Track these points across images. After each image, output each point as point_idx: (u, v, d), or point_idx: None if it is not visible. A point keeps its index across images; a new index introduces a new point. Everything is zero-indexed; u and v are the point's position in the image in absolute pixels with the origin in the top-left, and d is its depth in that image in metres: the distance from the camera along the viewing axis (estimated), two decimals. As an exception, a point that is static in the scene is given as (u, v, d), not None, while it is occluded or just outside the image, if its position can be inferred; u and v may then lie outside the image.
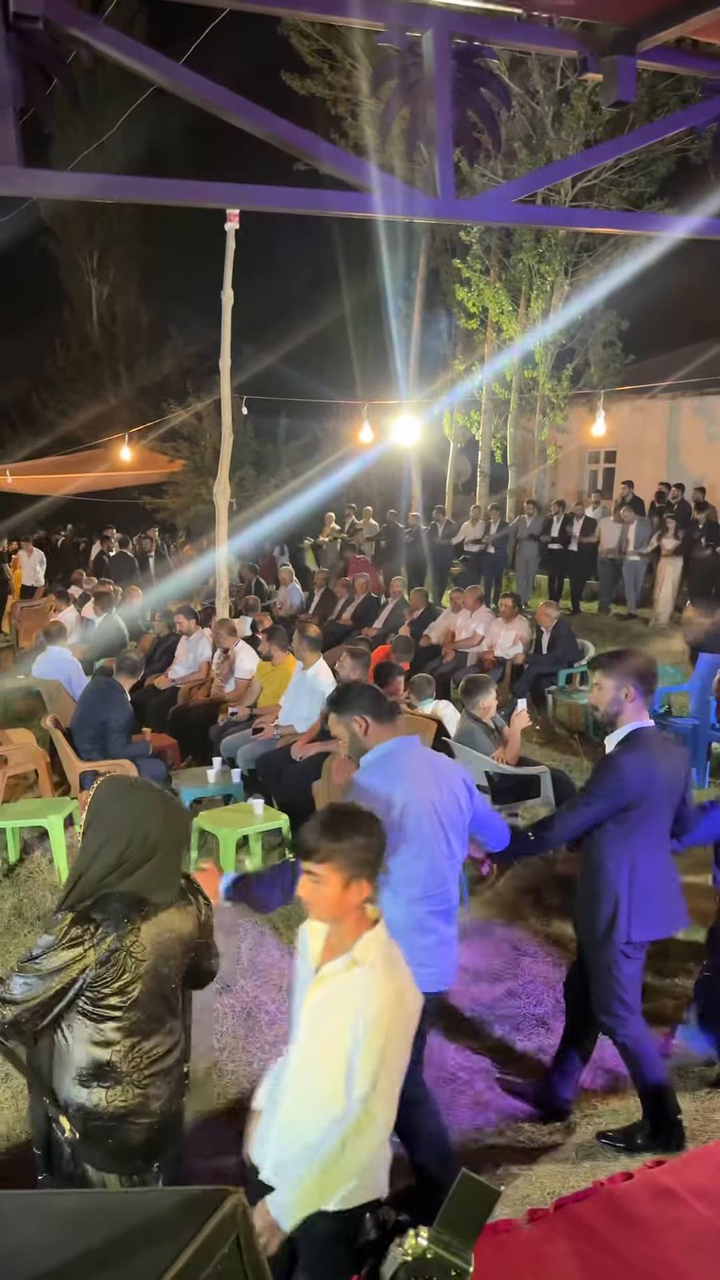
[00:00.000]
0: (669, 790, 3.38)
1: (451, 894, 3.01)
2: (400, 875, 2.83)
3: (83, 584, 14.95)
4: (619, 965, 3.42)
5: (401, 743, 2.99)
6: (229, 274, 9.52)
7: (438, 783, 2.96)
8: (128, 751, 6.86)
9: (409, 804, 2.84)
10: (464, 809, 3.01)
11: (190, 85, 2.05)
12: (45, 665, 8.80)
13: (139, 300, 31.29)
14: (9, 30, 1.71)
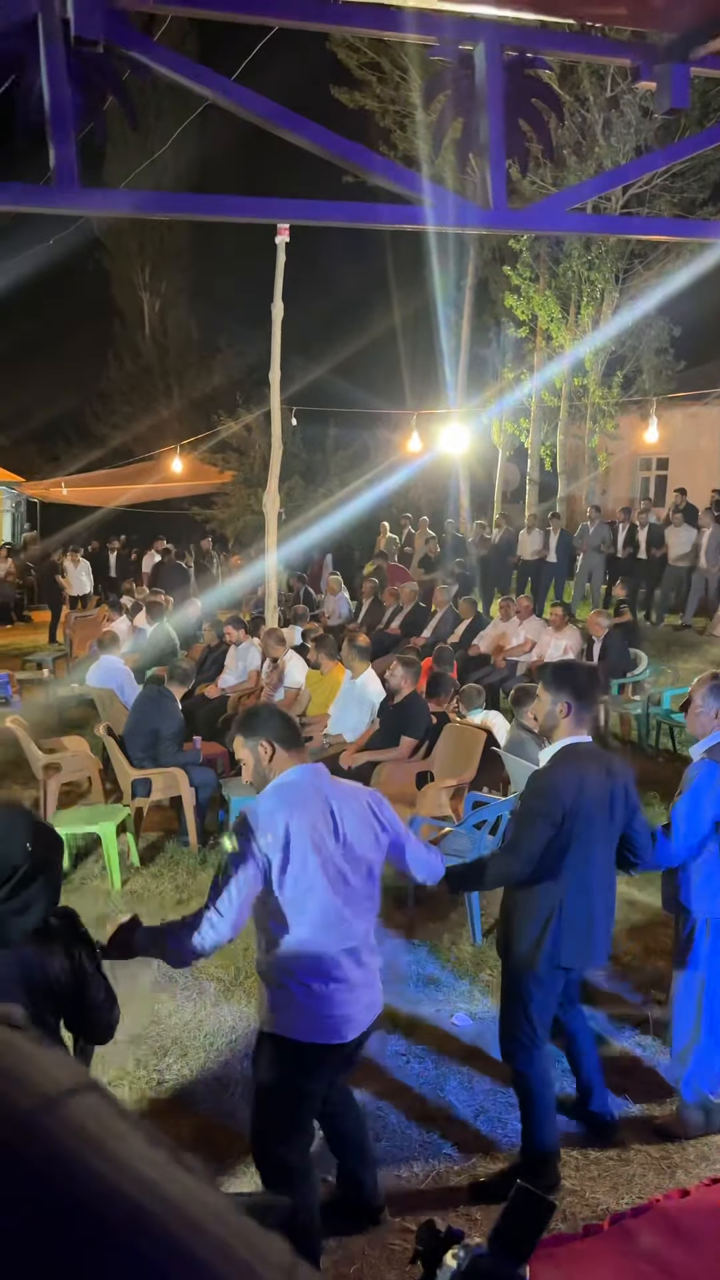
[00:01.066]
0: (602, 808, 3.20)
1: (355, 933, 2.73)
2: (288, 912, 2.64)
3: (134, 594, 15.16)
4: (536, 990, 3.25)
5: (304, 770, 2.77)
6: (279, 286, 9.61)
7: (340, 814, 2.72)
8: (179, 759, 6.93)
9: (295, 835, 2.61)
10: (379, 842, 2.78)
11: (245, 102, 2.08)
12: (99, 674, 8.93)
13: (189, 314, 31.73)
14: (70, 54, 1.75)
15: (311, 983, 2.66)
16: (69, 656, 13.68)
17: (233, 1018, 4.45)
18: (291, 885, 2.62)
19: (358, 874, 2.72)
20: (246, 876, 2.59)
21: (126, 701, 8.52)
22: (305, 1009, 2.66)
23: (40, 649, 15.30)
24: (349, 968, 2.70)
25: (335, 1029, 2.68)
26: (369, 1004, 2.79)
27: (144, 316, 31.66)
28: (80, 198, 1.64)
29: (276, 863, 2.59)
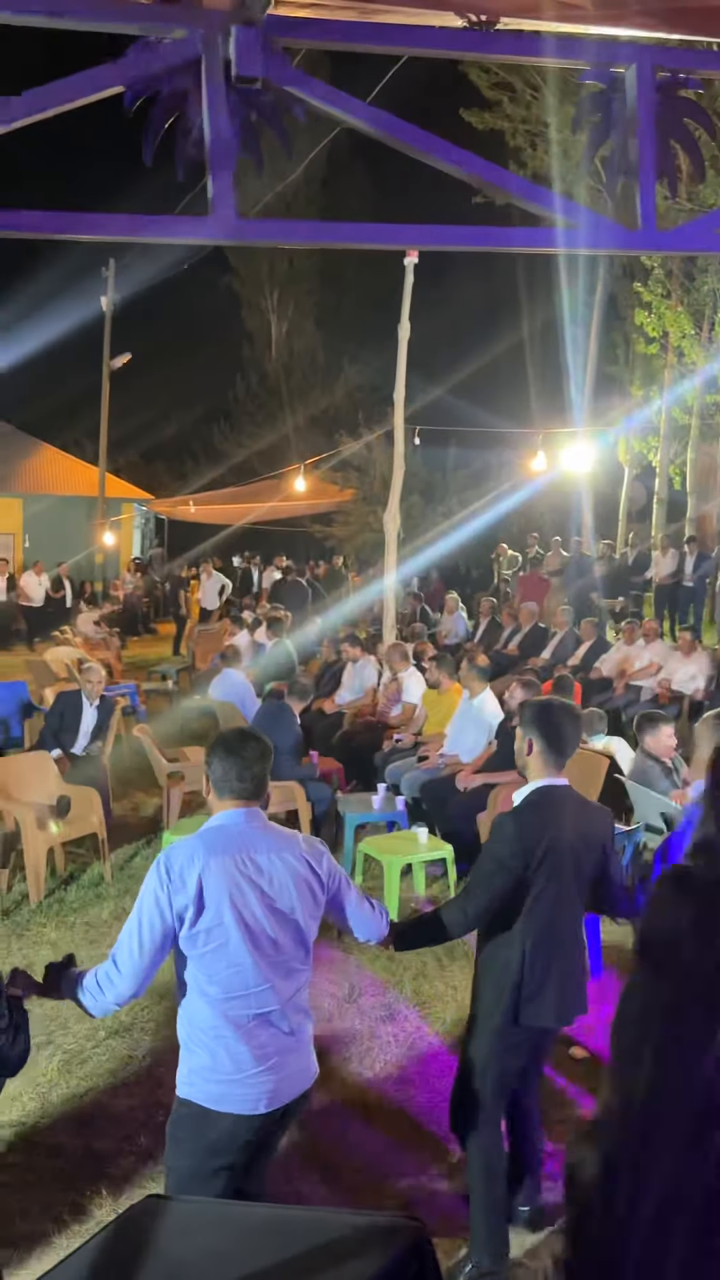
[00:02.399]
0: (572, 858, 2.93)
1: (275, 997, 2.45)
2: (198, 969, 2.42)
3: (255, 609, 15.49)
4: (496, 1054, 2.99)
5: (235, 816, 2.50)
6: (406, 307, 9.70)
7: (269, 866, 2.45)
8: (296, 773, 7.01)
9: (211, 887, 2.37)
10: (315, 898, 2.53)
11: (389, 129, 2.12)
12: (221, 687, 9.14)
13: (314, 335, 32.38)
14: (229, 91, 1.81)
15: (220, 1047, 2.42)
16: (192, 669, 14.04)
17: (347, 1035, 4.46)
18: (203, 941, 2.38)
19: (284, 933, 2.45)
20: (153, 928, 2.37)
21: (247, 714, 8.69)
22: (214, 1074, 2.42)
23: (165, 661, 15.76)
24: (267, 1035, 2.44)
25: (249, 1099, 2.42)
26: (294, 1073, 2.50)
27: (271, 338, 32.46)
28: (237, 228, 1.70)
29: (188, 916, 2.36)
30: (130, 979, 2.39)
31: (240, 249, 30.51)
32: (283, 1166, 3.55)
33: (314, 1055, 2.62)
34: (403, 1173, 3.55)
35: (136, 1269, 1.58)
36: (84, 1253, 1.69)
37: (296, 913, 2.48)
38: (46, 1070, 4.14)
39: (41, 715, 8.63)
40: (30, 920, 5.74)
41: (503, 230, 3.12)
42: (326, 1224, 1.44)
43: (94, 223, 1.70)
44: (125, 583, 22.61)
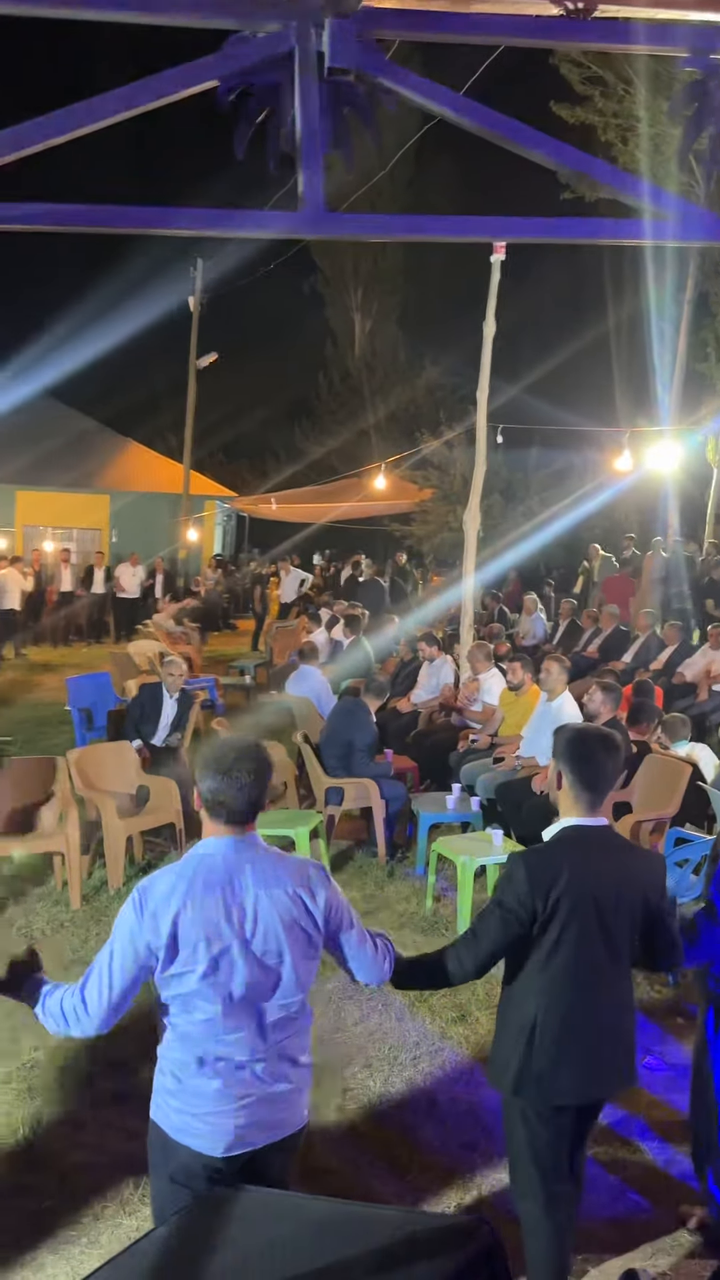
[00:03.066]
0: (604, 910, 2.57)
1: (253, 1046, 2.24)
2: (171, 1007, 2.27)
3: (332, 607, 15.55)
4: (523, 1123, 2.66)
5: (223, 845, 2.29)
6: (492, 304, 9.62)
7: (256, 906, 2.25)
8: (371, 770, 7.02)
9: (186, 928, 2.19)
10: (308, 939, 2.30)
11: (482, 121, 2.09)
12: (298, 683, 9.21)
13: (397, 333, 32.40)
14: (321, 84, 1.81)
15: (185, 1077, 2.26)
16: (269, 665, 14.17)
17: (416, 1034, 4.44)
18: (176, 983, 2.22)
19: (267, 980, 2.25)
20: (125, 966, 2.21)
21: (323, 711, 8.73)
22: (175, 1101, 2.28)
23: (243, 656, 15.95)
24: (236, 1079, 2.23)
25: (207, 1138, 2.22)
26: (264, 1122, 2.27)
27: (354, 337, 32.58)
28: (327, 222, 1.69)
29: (161, 955, 2.20)
30: (96, 1018, 2.23)
31: (326, 248, 30.72)
32: (351, 1161, 3.55)
33: (301, 1107, 2.37)
34: (473, 1174, 3.52)
35: (204, 1256, 1.60)
36: (154, 1238, 1.71)
37: (284, 958, 2.26)
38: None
39: (124, 706, 8.81)
40: (109, 906, 5.85)
41: (592, 221, 3.05)
42: (396, 1222, 1.43)
43: (184, 217, 1.72)
44: (206, 579, 22.97)
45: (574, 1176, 2.80)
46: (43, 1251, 3.13)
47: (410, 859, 6.75)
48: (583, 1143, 2.84)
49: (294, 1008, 2.29)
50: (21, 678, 14.76)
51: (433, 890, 6.03)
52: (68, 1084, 4.05)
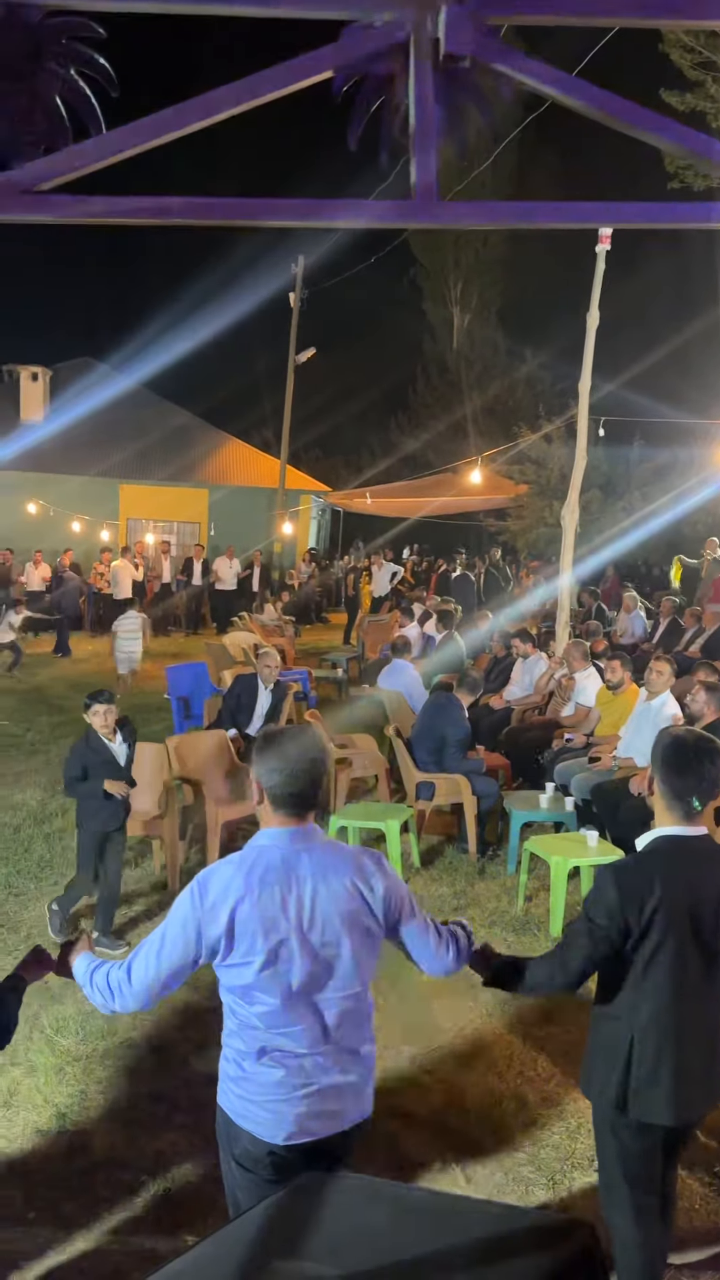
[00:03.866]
0: (700, 924, 2.48)
1: (311, 1037, 2.23)
2: (231, 996, 2.26)
3: (425, 601, 15.52)
4: (610, 1133, 2.59)
5: (282, 836, 2.26)
6: (596, 295, 9.45)
7: (313, 897, 2.22)
8: (463, 766, 6.98)
9: (244, 919, 2.17)
10: (367, 931, 2.26)
11: (600, 104, 2.05)
12: (390, 677, 9.23)
13: (497, 326, 32.09)
14: (436, 71, 1.80)
15: (246, 1064, 2.27)
16: (361, 658, 14.24)
17: (506, 1028, 4.41)
18: (235, 974, 2.21)
19: (325, 973, 2.23)
20: (174, 950, 2.22)
21: (414, 705, 8.73)
22: (239, 1091, 2.30)
23: (335, 649, 16.05)
24: (299, 1072, 2.23)
25: (267, 1125, 2.25)
26: (326, 1114, 2.26)
27: (453, 331, 32.41)
28: (441, 212, 1.68)
29: (221, 947, 2.19)
30: (139, 994, 2.25)
31: (426, 241, 30.62)
32: (438, 1155, 3.55)
33: (364, 1098, 2.35)
34: (559, 1177, 3.48)
35: (299, 1238, 1.61)
36: (248, 1219, 1.74)
37: (343, 949, 2.23)
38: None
39: (219, 696, 8.97)
40: (203, 891, 5.98)
41: (703, 205, 2.96)
42: (494, 1216, 1.42)
43: (295, 208, 1.73)
44: (301, 572, 23.21)
45: (666, 1190, 2.72)
46: (138, 1226, 3.22)
47: (501, 857, 6.70)
48: (675, 1157, 2.76)
49: (353, 999, 2.27)
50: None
51: (524, 890, 5.97)
52: (163, 1064, 4.15)
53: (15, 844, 6.71)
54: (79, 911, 5.59)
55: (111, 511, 25.34)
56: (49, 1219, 3.22)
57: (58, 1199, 3.31)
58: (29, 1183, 3.39)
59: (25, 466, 25.00)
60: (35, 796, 7.84)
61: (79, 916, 5.54)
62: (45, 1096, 3.85)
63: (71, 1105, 3.79)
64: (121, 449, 25.67)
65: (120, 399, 27.50)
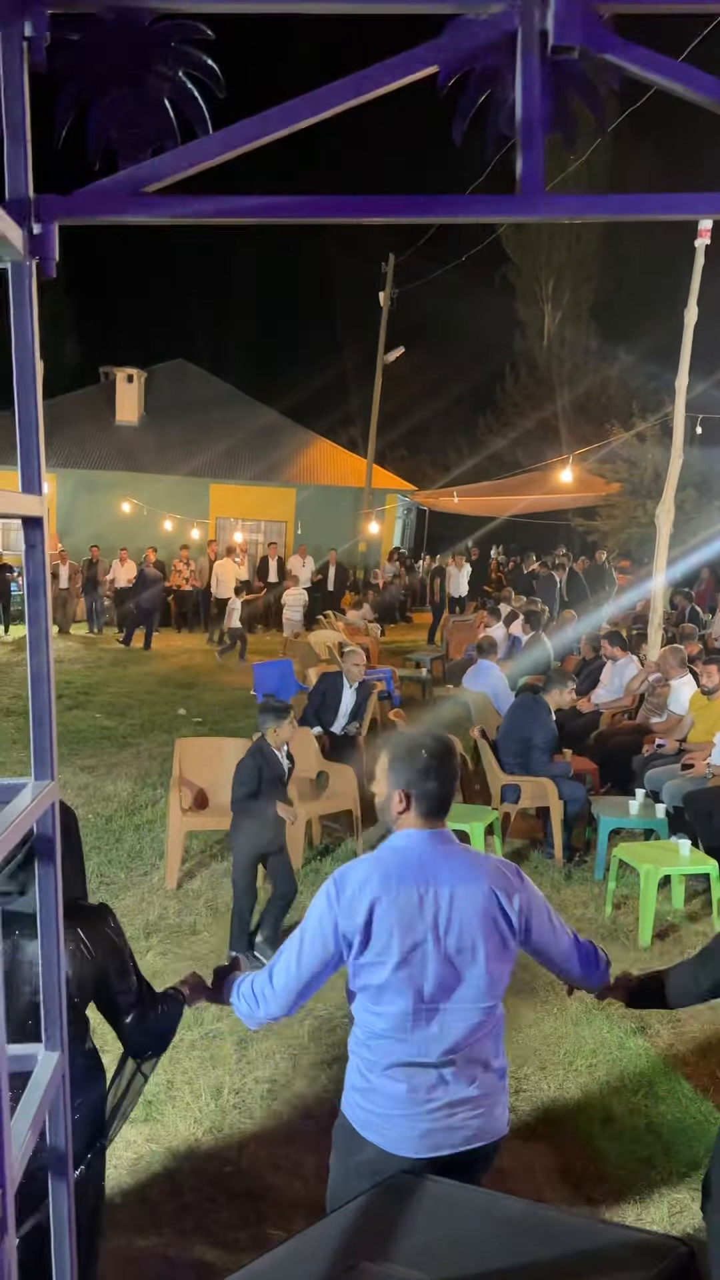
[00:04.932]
0: None
1: (442, 1046, 2.18)
2: (363, 999, 2.22)
3: (511, 602, 15.36)
4: None
5: (419, 838, 2.23)
6: (695, 290, 9.21)
7: (450, 901, 2.17)
8: (549, 770, 6.88)
9: (380, 919, 2.15)
10: (502, 940, 2.21)
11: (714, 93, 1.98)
12: (475, 678, 9.16)
13: (589, 323, 31.57)
14: (544, 63, 1.77)
15: (373, 1075, 2.23)
16: (445, 658, 14.18)
17: (594, 1041, 4.32)
18: (368, 974, 2.18)
19: (459, 980, 2.18)
20: (314, 951, 2.20)
21: (499, 707, 8.65)
22: (365, 1102, 2.26)
23: (419, 649, 16.02)
24: (427, 1085, 2.19)
25: (393, 1139, 2.19)
26: (454, 1130, 2.20)
27: (544, 328, 32.00)
28: (549, 205, 1.65)
29: (357, 941, 2.16)
30: (282, 997, 2.25)
31: (519, 238, 30.36)
32: (524, 1164, 3.50)
33: (498, 1115, 2.29)
34: (649, 1191, 3.40)
35: (388, 1241, 1.61)
36: (338, 1218, 1.73)
37: (478, 956, 2.18)
38: (298, 1033, 4.33)
39: (305, 694, 9.04)
40: (287, 886, 6.02)
41: None
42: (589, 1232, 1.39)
43: (401, 205, 1.72)
44: (385, 571, 23.23)
45: None
46: (222, 1218, 3.26)
47: (589, 863, 6.58)
48: None
49: (486, 1012, 2.22)
50: (211, 663, 15.42)
51: (612, 897, 5.85)
52: (245, 1059, 4.19)
53: (107, 834, 6.88)
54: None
55: (201, 510, 25.78)
56: (132, 1203, 3.28)
57: (142, 1185, 3.38)
58: (114, 1165, 3.46)
59: (119, 466, 25.63)
60: (126, 788, 8.02)
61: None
62: (133, 1083, 3.93)
63: (158, 1094, 3.85)
64: (212, 448, 26.10)
65: (211, 399, 27.99)
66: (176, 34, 1.67)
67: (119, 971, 2.26)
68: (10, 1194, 1.21)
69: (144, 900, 5.76)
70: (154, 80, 1.69)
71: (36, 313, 1.64)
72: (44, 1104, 1.50)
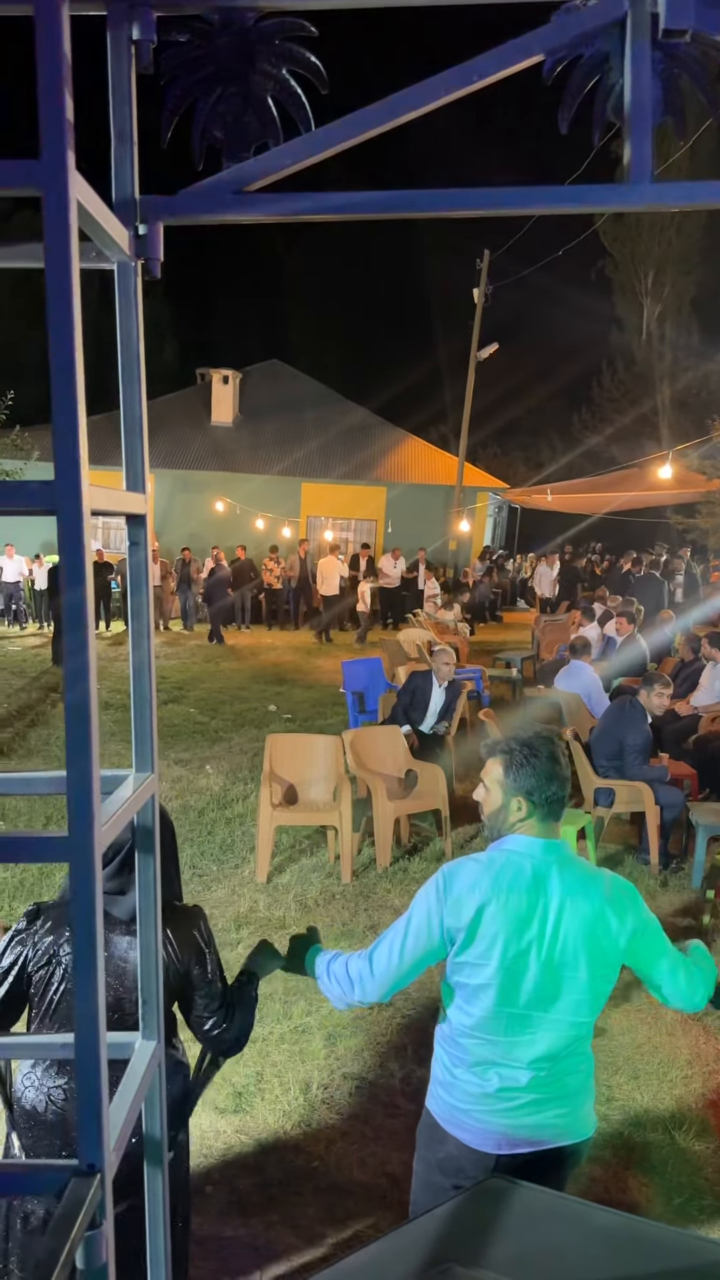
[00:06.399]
0: None
1: (531, 1053, 2.15)
2: (459, 995, 2.21)
3: (606, 601, 15.06)
4: None
5: (534, 845, 2.19)
6: None
7: (561, 910, 2.13)
8: (645, 774, 6.72)
9: (489, 919, 2.13)
10: (606, 955, 2.15)
11: None
12: (568, 679, 9.00)
13: (690, 316, 30.74)
14: (654, 47, 1.72)
15: (460, 1071, 2.23)
16: (536, 658, 13.99)
17: (689, 1052, 4.21)
18: (468, 973, 2.17)
19: (559, 991, 2.14)
20: (417, 942, 2.20)
21: (593, 709, 8.49)
22: (449, 1098, 2.26)
23: (510, 649, 15.85)
24: (514, 1086, 2.17)
25: (477, 1134, 2.20)
26: (539, 1129, 2.19)
27: (643, 322, 31.29)
28: (656, 193, 1.60)
29: (460, 940, 2.16)
30: (380, 984, 2.25)
31: (618, 231, 29.74)
32: (614, 1174, 3.43)
33: (583, 1117, 2.27)
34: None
35: (481, 1245, 1.58)
36: (428, 1220, 1.72)
37: (581, 971, 2.14)
38: (387, 1031, 4.33)
39: (394, 692, 9.03)
40: (377, 884, 6.03)
41: None
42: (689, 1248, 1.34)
43: (502, 197, 1.69)
44: (476, 570, 23.06)
45: None
46: (308, 1213, 3.28)
47: (686, 870, 6.41)
48: None
49: (580, 1027, 2.19)
50: (301, 660, 15.56)
51: (711, 906, 5.68)
52: (334, 1054, 4.21)
53: (200, 827, 7.00)
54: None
55: (292, 509, 26.04)
56: (221, 1192, 3.33)
57: (231, 1176, 3.42)
58: (204, 1155, 3.52)
59: (214, 466, 26.07)
60: (218, 782, 8.15)
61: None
62: (224, 1075, 3.98)
63: (248, 1085, 3.90)
64: (303, 447, 26.33)
65: (304, 398, 28.23)
66: (281, 31, 1.67)
67: (201, 975, 2.28)
68: (109, 1178, 1.23)
69: (235, 893, 5.84)
70: (258, 79, 1.70)
71: (141, 314, 1.67)
72: (140, 1091, 1.53)
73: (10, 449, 14.54)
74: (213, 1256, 3.03)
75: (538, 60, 1.81)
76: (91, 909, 1.18)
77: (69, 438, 1.17)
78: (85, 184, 1.28)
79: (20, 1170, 1.37)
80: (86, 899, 1.18)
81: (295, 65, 1.67)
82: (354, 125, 1.70)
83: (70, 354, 1.16)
